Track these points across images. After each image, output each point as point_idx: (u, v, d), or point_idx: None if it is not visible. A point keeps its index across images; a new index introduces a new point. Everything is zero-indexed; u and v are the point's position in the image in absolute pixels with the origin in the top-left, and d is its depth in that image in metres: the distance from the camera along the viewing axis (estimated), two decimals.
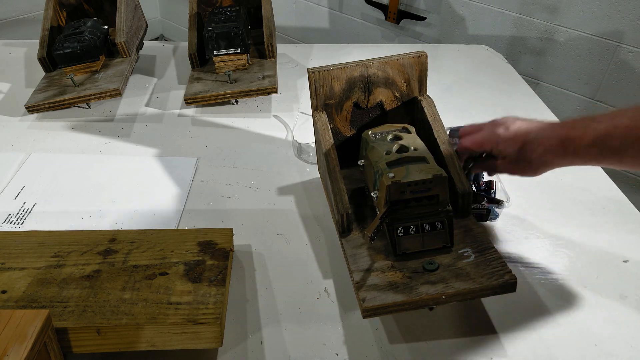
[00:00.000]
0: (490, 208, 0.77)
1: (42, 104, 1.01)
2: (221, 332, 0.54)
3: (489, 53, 1.37)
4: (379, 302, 0.56)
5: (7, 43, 1.34)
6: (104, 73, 1.08)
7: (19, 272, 0.60)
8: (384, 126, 0.74)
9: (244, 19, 1.13)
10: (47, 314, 0.48)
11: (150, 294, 0.57)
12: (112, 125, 1.02)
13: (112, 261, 0.62)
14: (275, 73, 1.08)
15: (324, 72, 0.72)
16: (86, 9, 1.25)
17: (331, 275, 0.70)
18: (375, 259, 0.62)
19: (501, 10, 1.70)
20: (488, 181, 0.81)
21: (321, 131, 0.72)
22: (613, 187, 0.88)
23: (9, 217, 0.78)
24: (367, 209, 0.71)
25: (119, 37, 1.11)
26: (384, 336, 0.62)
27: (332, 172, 0.69)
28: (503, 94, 1.17)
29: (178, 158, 0.92)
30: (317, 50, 1.35)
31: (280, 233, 0.76)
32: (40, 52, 1.10)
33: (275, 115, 1.06)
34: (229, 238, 0.67)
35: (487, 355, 0.59)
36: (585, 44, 1.57)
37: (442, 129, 0.72)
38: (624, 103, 1.57)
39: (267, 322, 0.63)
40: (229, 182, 0.87)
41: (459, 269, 0.59)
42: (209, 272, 0.61)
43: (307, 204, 0.82)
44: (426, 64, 0.74)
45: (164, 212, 0.80)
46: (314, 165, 0.91)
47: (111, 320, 0.54)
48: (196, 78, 1.10)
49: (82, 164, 0.90)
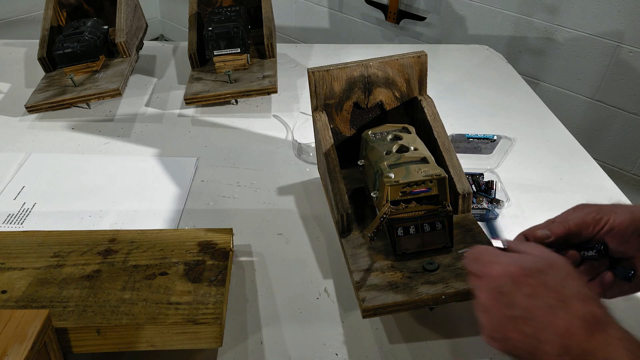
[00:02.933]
0: (490, 208, 0.77)
1: (42, 104, 1.01)
2: (221, 332, 0.54)
3: (489, 53, 1.37)
4: (379, 302, 0.56)
5: (7, 43, 1.34)
6: (104, 73, 1.08)
7: (19, 272, 0.60)
8: (384, 126, 0.74)
9: (244, 19, 1.13)
10: (47, 314, 0.48)
11: (150, 294, 0.57)
12: (112, 125, 1.02)
13: (112, 261, 0.62)
14: (275, 73, 1.08)
15: (324, 72, 0.72)
16: (86, 9, 1.25)
17: (331, 275, 0.70)
18: (375, 259, 0.62)
19: (501, 10, 1.70)
20: (488, 181, 0.81)
21: (321, 131, 0.72)
22: (613, 187, 0.88)
23: (9, 217, 0.78)
24: (367, 209, 0.71)
25: (119, 37, 1.11)
26: (384, 336, 0.61)
27: (332, 172, 0.69)
28: (503, 94, 1.17)
29: (178, 158, 0.92)
30: (317, 50, 1.35)
31: (280, 233, 0.76)
32: (40, 52, 1.10)
33: (275, 115, 1.06)
34: (229, 238, 0.67)
35: (487, 355, 0.59)
36: (585, 44, 1.57)
37: (442, 129, 0.72)
38: (624, 103, 1.57)
39: (267, 322, 0.63)
40: (229, 182, 0.87)
41: (459, 269, 0.59)
42: (209, 272, 0.61)
43: (307, 204, 0.82)
44: (426, 64, 0.74)
45: (164, 212, 0.80)
46: (314, 165, 0.91)
47: (111, 320, 0.54)
48: (196, 78, 1.10)
49: (82, 164, 0.90)
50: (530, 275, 0.45)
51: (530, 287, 0.44)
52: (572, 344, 0.41)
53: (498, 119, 1.07)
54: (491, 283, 0.47)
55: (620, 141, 1.63)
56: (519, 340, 0.44)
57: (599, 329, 0.41)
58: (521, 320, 0.44)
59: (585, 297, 0.44)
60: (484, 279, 0.48)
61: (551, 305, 0.43)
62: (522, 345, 0.44)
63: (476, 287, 0.48)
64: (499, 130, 0.93)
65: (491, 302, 0.46)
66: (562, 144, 1.00)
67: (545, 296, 0.44)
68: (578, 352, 0.41)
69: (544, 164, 0.94)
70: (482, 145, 0.82)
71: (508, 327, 0.44)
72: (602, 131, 1.66)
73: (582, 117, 1.68)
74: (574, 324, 0.41)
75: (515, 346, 0.44)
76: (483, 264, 0.48)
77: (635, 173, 1.65)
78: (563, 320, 0.42)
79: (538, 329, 0.43)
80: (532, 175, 0.90)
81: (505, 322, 0.45)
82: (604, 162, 1.68)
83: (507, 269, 0.46)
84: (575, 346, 0.41)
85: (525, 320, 0.44)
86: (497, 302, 0.45)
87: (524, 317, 0.44)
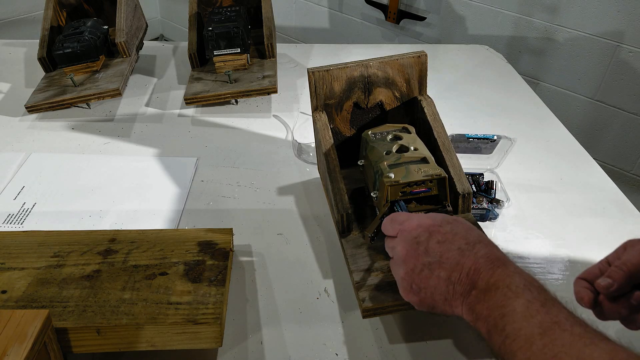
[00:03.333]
0: (490, 208, 0.77)
1: (42, 104, 1.01)
2: (221, 332, 0.54)
3: (489, 53, 1.37)
4: (379, 302, 0.56)
5: (7, 43, 1.34)
6: (104, 73, 1.08)
7: (19, 272, 0.60)
8: (384, 126, 0.74)
9: (244, 19, 1.13)
10: (47, 314, 0.48)
11: (150, 294, 0.57)
12: (112, 125, 1.02)
13: (112, 261, 0.62)
14: (275, 73, 1.08)
15: (324, 72, 0.72)
16: (86, 9, 1.25)
17: (331, 275, 0.70)
18: (375, 259, 0.62)
19: (501, 10, 1.70)
20: (488, 181, 0.81)
21: (321, 131, 0.72)
22: (613, 187, 0.88)
23: (9, 217, 0.78)
24: (367, 209, 0.71)
25: (119, 37, 1.11)
26: (384, 336, 0.61)
27: (332, 172, 0.69)
28: (503, 94, 1.17)
29: (178, 158, 0.92)
30: (317, 50, 1.35)
31: (280, 233, 0.76)
32: (40, 52, 1.10)
33: (275, 115, 1.06)
34: (228, 238, 0.67)
35: (487, 355, 0.59)
36: (585, 44, 1.57)
37: (442, 129, 0.72)
38: (624, 103, 1.57)
39: (267, 322, 0.63)
40: (229, 182, 0.87)
41: None
42: (209, 272, 0.61)
43: (307, 204, 0.82)
44: (426, 64, 0.74)
45: (164, 212, 0.80)
46: (314, 165, 0.91)
47: (111, 320, 0.54)
48: (196, 78, 1.10)
49: (82, 164, 0.90)
50: (442, 225, 0.52)
51: (441, 235, 0.51)
52: (478, 279, 0.47)
53: (498, 119, 1.07)
54: (409, 235, 0.53)
55: (620, 141, 1.63)
56: (434, 287, 0.50)
57: (499, 266, 0.47)
58: (436, 265, 0.50)
59: (487, 242, 0.51)
60: (402, 233, 0.54)
61: (460, 248, 0.50)
62: (437, 291, 0.50)
63: (394, 245, 0.54)
64: (499, 130, 0.93)
65: (410, 252, 0.52)
66: (562, 144, 1.00)
67: (455, 241, 0.50)
68: (484, 285, 0.46)
69: (544, 164, 0.94)
70: (482, 145, 0.82)
71: (424, 273, 0.50)
72: (602, 131, 1.66)
73: (582, 117, 1.68)
74: (479, 262, 0.48)
75: (431, 294, 0.50)
76: (400, 223, 0.55)
77: (635, 173, 1.65)
78: (470, 260, 0.48)
79: (450, 270, 0.49)
80: (532, 175, 0.91)
81: (422, 269, 0.51)
82: (604, 162, 1.68)
83: (422, 222, 0.53)
84: (481, 280, 0.47)
85: (439, 264, 0.50)
86: (415, 251, 0.52)
87: (438, 262, 0.50)
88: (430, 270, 0.50)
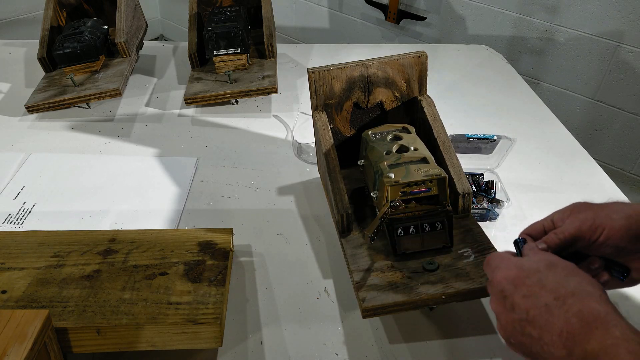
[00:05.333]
0: (490, 208, 0.77)
1: (42, 104, 1.01)
2: (221, 332, 0.54)
3: (489, 53, 1.37)
4: (379, 302, 0.56)
5: (7, 43, 1.34)
6: (104, 73, 1.08)
7: (19, 272, 0.60)
8: (384, 126, 0.74)
9: (244, 19, 1.13)
10: (47, 314, 0.48)
11: (150, 294, 0.57)
12: (112, 125, 1.02)
13: (112, 261, 0.62)
14: (275, 73, 1.08)
15: (324, 72, 0.72)
16: (86, 9, 1.25)
17: (331, 275, 0.70)
18: (375, 259, 0.62)
19: (501, 10, 1.70)
20: (488, 181, 0.81)
21: (321, 131, 0.72)
22: (613, 187, 0.88)
23: (9, 217, 0.78)
24: (367, 209, 0.71)
25: (119, 37, 1.11)
26: (384, 336, 0.61)
27: (332, 172, 0.69)
28: (503, 94, 1.17)
29: (178, 158, 0.92)
30: (317, 50, 1.35)
31: (280, 233, 0.76)
32: (40, 52, 1.10)
33: (275, 115, 1.06)
34: (228, 238, 0.67)
35: (487, 355, 0.59)
36: (585, 44, 1.57)
37: (442, 129, 0.72)
38: (624, 103, 1.57)
39: (267, 322, 0.63)
40: (229, 182, 0.87)
41: (459, 269, 0.59)
42: (209, 272, 0.61)
43: (307, 204, 0.82)
44: (426, 64, 0.74)
45: (164, 212, 0.80)
46: (314, 165, 0.91)
47: (111, 320, 0.54)
48: (196, 78, 1.10)
49: (82, 164, 0.90)
50: (528, 276, 0.45)
51: (527, 288, 0.44)
52: (573, 346, 0.39)
53: (498, 119, 1.07)
54: (495, 289, 0.47)
55: (620, 141, 1.63)
56: (530, 345, 0.43)
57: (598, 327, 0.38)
58: (525, 323, 0.43)
59: (582, 293, 0.41)
60: (490, 285, 0.48)
61: (547, 304, 0.42)
62: (534, 349, 0.43)
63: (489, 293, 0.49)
64: (499, 130, 0.93)
65: (498, 307, 0.46)
66: (562, 144, 1.00)
67: (541, 295, 0.43)
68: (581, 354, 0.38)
69: (544, 164, 0.94)
70: (482, 145, 0.82)
71: (516, 331, 0.44)
72: (602, 131, 1.66)
73: (582, 117, 1.68)
74: (570, 322, 0.40)
75: (530, 351, 0.43)
76: (491, 270, 0.49)
77: (635, 173, 1.65)
78: (560, 320, 0.40)
79: (541, 330, 0.41)
80: (532, 175, 0.91)
81: (512, 326, 0.44)
82: (604, 162, 1.68)
83: (508, 273, 0.46)
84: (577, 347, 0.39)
85: (528, 323, 0.43)
86: (503, 306, 0.45)
87: (526, 320, 0.43)
88: (521, 328, 0.43)
